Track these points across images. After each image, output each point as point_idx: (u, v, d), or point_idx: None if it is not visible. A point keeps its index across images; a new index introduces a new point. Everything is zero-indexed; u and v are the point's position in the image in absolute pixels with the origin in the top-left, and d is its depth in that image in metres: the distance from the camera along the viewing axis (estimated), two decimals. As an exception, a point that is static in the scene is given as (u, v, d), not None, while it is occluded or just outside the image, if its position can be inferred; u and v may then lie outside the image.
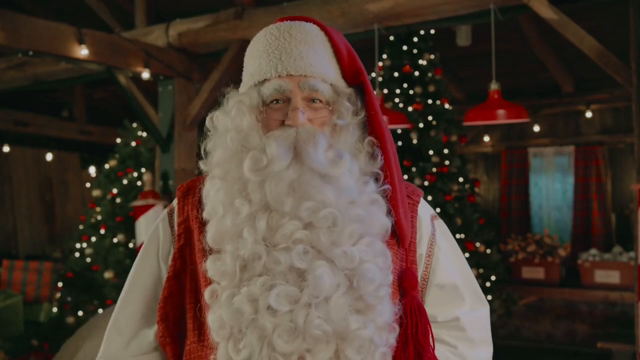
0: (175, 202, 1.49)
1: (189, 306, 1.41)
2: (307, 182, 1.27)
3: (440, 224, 1.52)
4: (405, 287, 1.38)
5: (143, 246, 1.52)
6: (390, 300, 1.31)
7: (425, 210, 1.49)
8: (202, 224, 1.38)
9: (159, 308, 1.44)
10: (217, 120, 1.40)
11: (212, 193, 1.35)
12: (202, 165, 1.40)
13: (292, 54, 1.33)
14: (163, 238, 1.47)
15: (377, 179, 1.36)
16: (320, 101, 1.34)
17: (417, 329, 1.35)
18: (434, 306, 1.44)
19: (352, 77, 1.40)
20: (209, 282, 1.32)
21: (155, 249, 1.48)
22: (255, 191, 1.28)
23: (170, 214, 1.48)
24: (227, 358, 1.26)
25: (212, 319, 1.28)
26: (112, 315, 1.51)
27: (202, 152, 1.41)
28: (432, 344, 1.36)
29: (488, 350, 1.48)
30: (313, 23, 1.42)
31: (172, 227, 1.46)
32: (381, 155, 1.36)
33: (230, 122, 1.36)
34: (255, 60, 1.37)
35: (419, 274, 1.44)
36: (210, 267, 1.31)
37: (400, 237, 1.38)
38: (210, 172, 1.38)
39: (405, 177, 5.51)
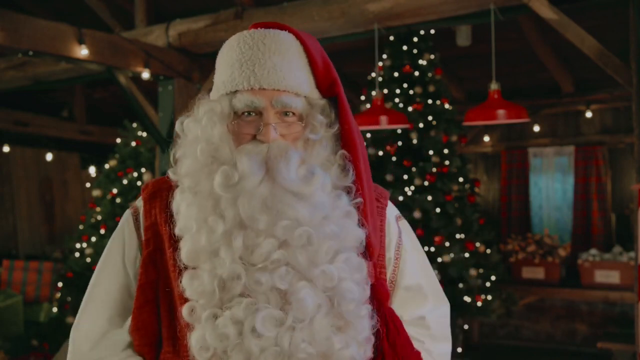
0: (140, 203, 1.44)
1: (164, 314, 1.38)
2: (280, 200, 1.26)
3: (404, 225, 1.54)
4: (380, 299, 1.38)
5: (106, 249, 1.46)
6: (369, 315, 1.32)
7: (391, 212, 1.51)
8: (172, 232, 1.34)
9: (132, 317, 1.39)
10: (187, 127, 1.37)
11: (184, 208, 1.32)
12: (170, 174, 1.37)
13: (265, 66, 1.29)
14: (128, 242, 1.43)
15: (348, 192, 1.35)
16: (293, 114, 1.32)
17: (396, 342, 1.37)
18: (400, 307, 1.47)
19: (327, 87, 1.38)
20: (185, 298, 1.30)
21: (120, 252, 1.43)
22: (228, 208, 1.26)
23: (136, 217, 1.43)
24: None
25: (194, 339, 1.26)
26: (75, 320, 1.45)
27: (172, 159, 1.38)
28: (414, 352, 1.40)
29: (448, 345, 1.54)
30: (288, 31, 1.37)
31: (137, 230, 1.42)
32: (353, 169, 1.35)
33: (200, 132, 1.34)
34: (228, 68, 1.34)
35: (387, 275, 1.46)
36: (187, 285, 1.28)
37: (368, 252, 1.37)
38: (180, 183, 1.35)
39: (405, 177, 5.51)
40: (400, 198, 5.40)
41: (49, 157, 8.74)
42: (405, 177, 5.50)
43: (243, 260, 1.24)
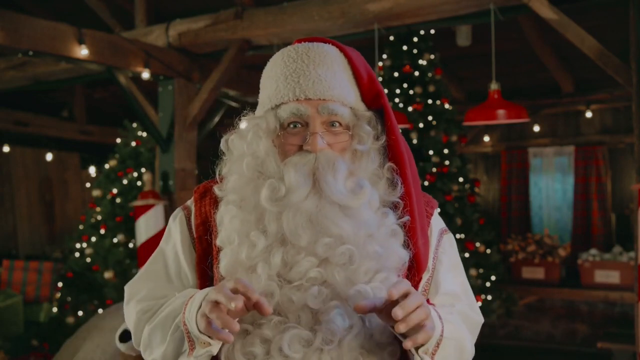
0: (191, 203, 1.45)
1: None
2: (326, 215, 1.23)
3: (450, 238, 1.49)
4: None
5: (158, 249, 1.47)
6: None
7: (436, 223, 1.47)
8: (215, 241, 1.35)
9: None
10: (232, 143, 1.36)
11: (227, 220, 1.31)
12: (217, 191, 1.37)
13: (310, 77, 1.28)
14: (182, 240, 1.43)
15: (396, 207, 1.32)
16: (340, 124, 1.30)
17: None
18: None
19: (371, 99, 1.36)
20: None
21: (172, 251, 1.44)
22: (272, 222, 1.25)
23: (188, 218, 1.44)
24: None
25: (223, 355, 1.26)
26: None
27: (217, 176, 1.38)
28: None
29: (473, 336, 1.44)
30: (332, 44, 1.37)
31: (190, 230, 1.42)
32: (401, 183, 1.32)
33: (246, 147, 1.33)
34: (273, 83, 1.32)
35: (422, 283, 1.41)
36: None
37: (417, 267, 1.35)
38: (226, 197, 1.35)
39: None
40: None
41: (49, 157, 8.73)
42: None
43: (280, 277, 1.23)
